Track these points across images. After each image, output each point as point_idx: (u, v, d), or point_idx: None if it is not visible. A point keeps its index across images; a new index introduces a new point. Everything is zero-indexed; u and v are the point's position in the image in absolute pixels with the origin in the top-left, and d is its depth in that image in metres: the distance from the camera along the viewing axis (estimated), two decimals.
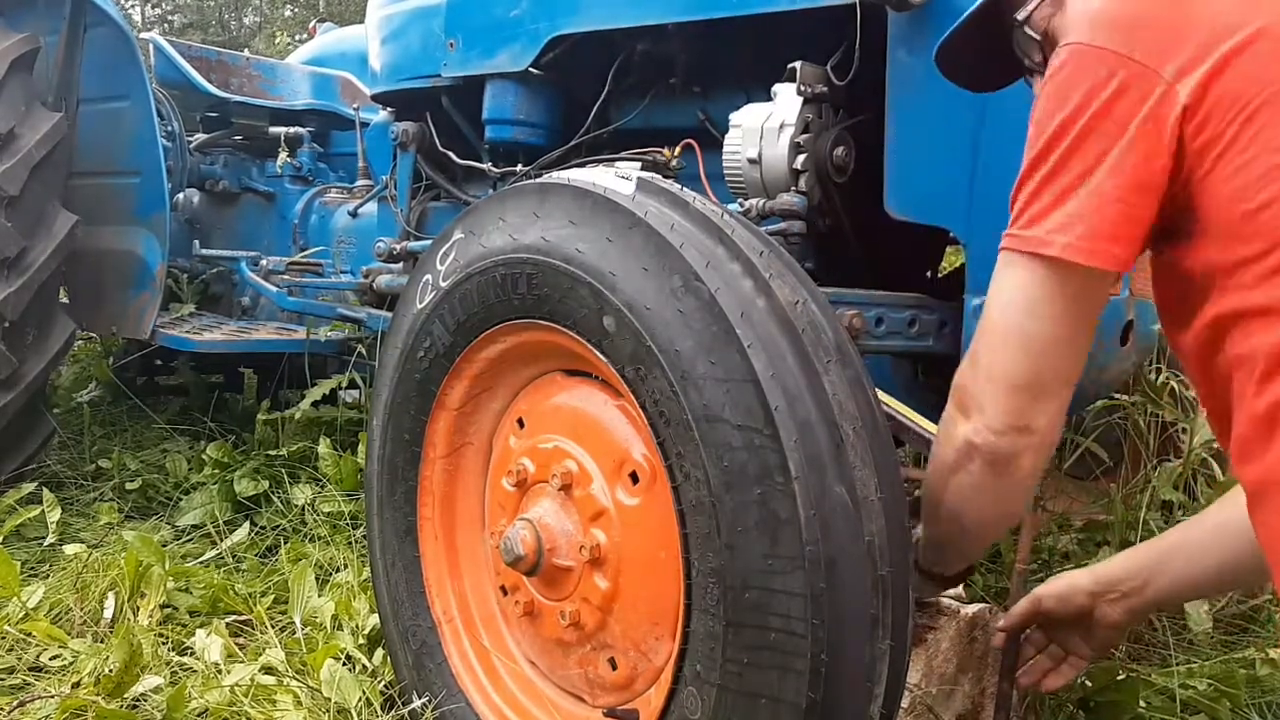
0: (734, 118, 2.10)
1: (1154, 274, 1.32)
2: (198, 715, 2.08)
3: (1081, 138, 1.21)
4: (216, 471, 3.40)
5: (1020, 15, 1.44)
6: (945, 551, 1.58)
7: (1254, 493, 1.18)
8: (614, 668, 1.65)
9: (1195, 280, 1.22)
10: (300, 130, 4.31)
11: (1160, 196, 1.20)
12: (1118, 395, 2.73)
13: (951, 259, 2.57)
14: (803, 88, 2.01)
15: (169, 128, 4.07)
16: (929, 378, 2.16)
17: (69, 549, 2.90)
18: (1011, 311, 1.28)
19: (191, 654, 2.34)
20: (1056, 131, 1.23)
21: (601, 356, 1.55)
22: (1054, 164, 1.23)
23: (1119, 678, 2.12)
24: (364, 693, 2.09)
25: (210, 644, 2.32)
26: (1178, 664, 2.26)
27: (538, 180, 1.72)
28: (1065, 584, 1.70)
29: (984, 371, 1.32)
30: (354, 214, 3.86)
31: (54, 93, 3.48)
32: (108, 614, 2.49)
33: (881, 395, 1.50)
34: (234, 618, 2.56)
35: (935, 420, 1.70)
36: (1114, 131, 1.19)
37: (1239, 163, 1.14)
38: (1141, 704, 2.08)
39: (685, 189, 1.60)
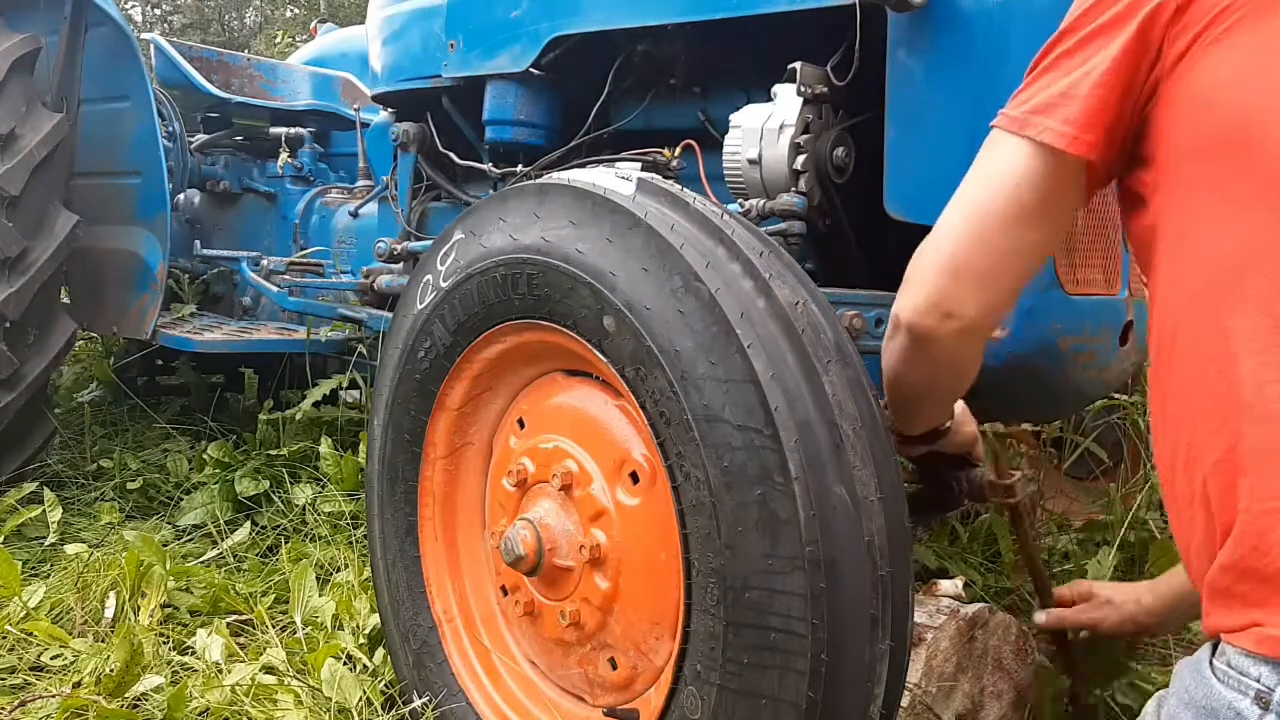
0: (734, 118, 2.10)
1: (1120, 207, 1.29)
2: (198, 715, 2.09)
3: (1085, 34, 1.18)
4: (217, 471, 3.41)
5: None
6: (899, 412, 1.57)
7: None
8: (614, 668, 1.65)
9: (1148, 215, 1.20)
10: (301, 131, 4.31)
11: (1138, 99, 1.17)
12: (1118, 395, 2.74)
13: None
14: (803, 88, 2.01)
15: (170, 128, 4.07)
16: None
17: (70, 548, 2.91)
18: (980, 184, 1.26)
19: (192, 653, 2.35)
20: (1072, 22, 1.21)
21: (602, 356, 1.55)
22: (1061, 51, 1.21)
23: (1118, 661, 2.12)
24: (364, 692, 2.09)
25: (211, 643, 2.32)
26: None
27: (538, 181, 1.72)
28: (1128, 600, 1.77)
29: (933, 244, 1.30)
30: (354, 214, 3.86)
31: (55, 93, 3.48)
32: (109, 614, 2.49)
33: None
34: (235, 617, 2.56)
35: None
36: (1114, 24, 1.16)
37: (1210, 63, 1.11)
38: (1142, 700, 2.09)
39: (685, 189, 1.60)
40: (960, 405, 1.73)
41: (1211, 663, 1.02)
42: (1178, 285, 1.13)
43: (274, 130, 4.33)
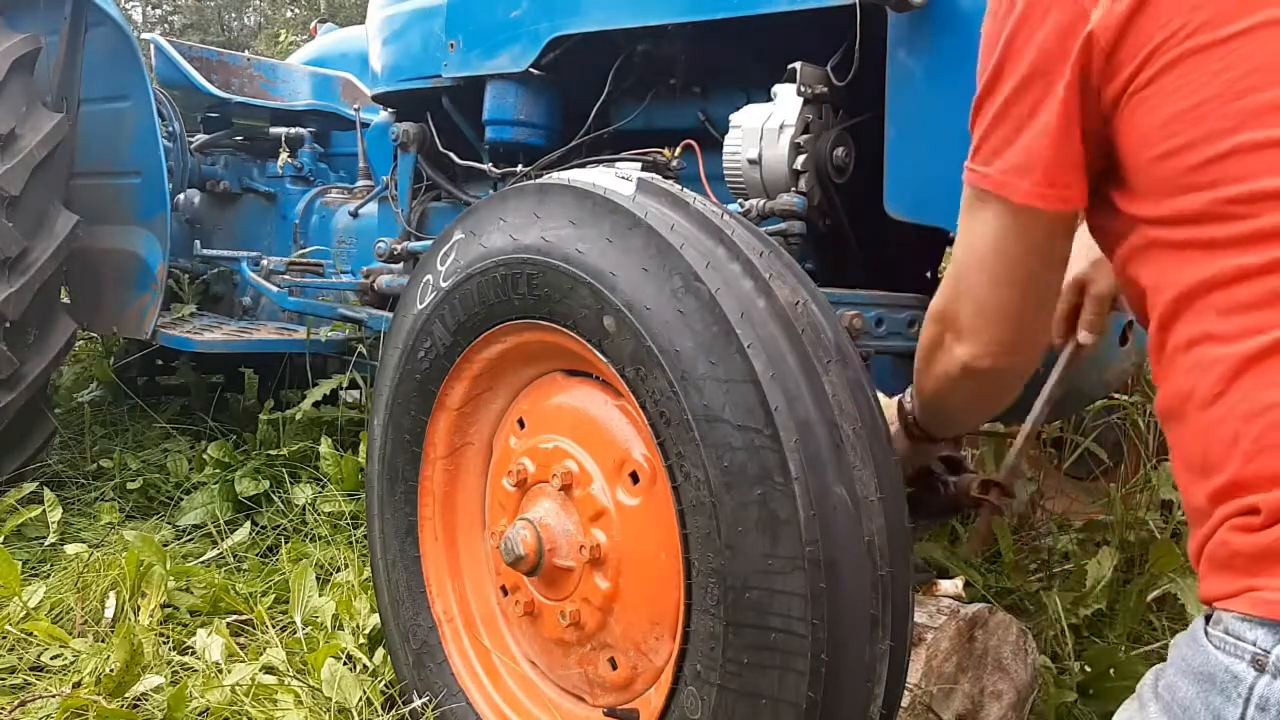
0: (734, 118, 2.10)
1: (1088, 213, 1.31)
2: (198, 715, 2.09)
3: (1025, 75, 1.18)
4: (217, 471, 3.41)
5: None
6: (939, 423, 1.66)
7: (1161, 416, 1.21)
8: (614, 668, 1.65)
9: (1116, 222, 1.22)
10: (301, 131, 4.31)
11: (1092, 136, 1.18)
12: (1118, 395, 2.74)
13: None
14: (803, 88, 2.01)
15: (170, 128, 4.07)
16: None
17: (70, 548, 2.91)
18: (986, 247, 1.29)
19: (192, 653, 2.35)
20: (1003, 55, 1.20)
21: (602, 357, 1.55)
22: (1007, 96, 1.20)
23: (1119, 657, 2.12)
24: (364, 692, 2.09)
25: (211, 643, 2.32)
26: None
27: (538, 181, 1.72)
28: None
29: (972, 304, 1.34)
30: (355, 214, 3.86)
31: (55, 93, 3.48)
32: (109, 614, 2.49)
33: None
34: (235, 617, 2.56)
35: None
36: (1051, 65, 1.15)
37: (1150, 105, 1.11)
38: None
39: (685, 189, 1.60)
40: None
41: (1207, 631, 1.03)
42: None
43: (274, 130, 4.33)
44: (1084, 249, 1.66)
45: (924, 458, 1.80)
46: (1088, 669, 2.11)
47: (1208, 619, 1.04)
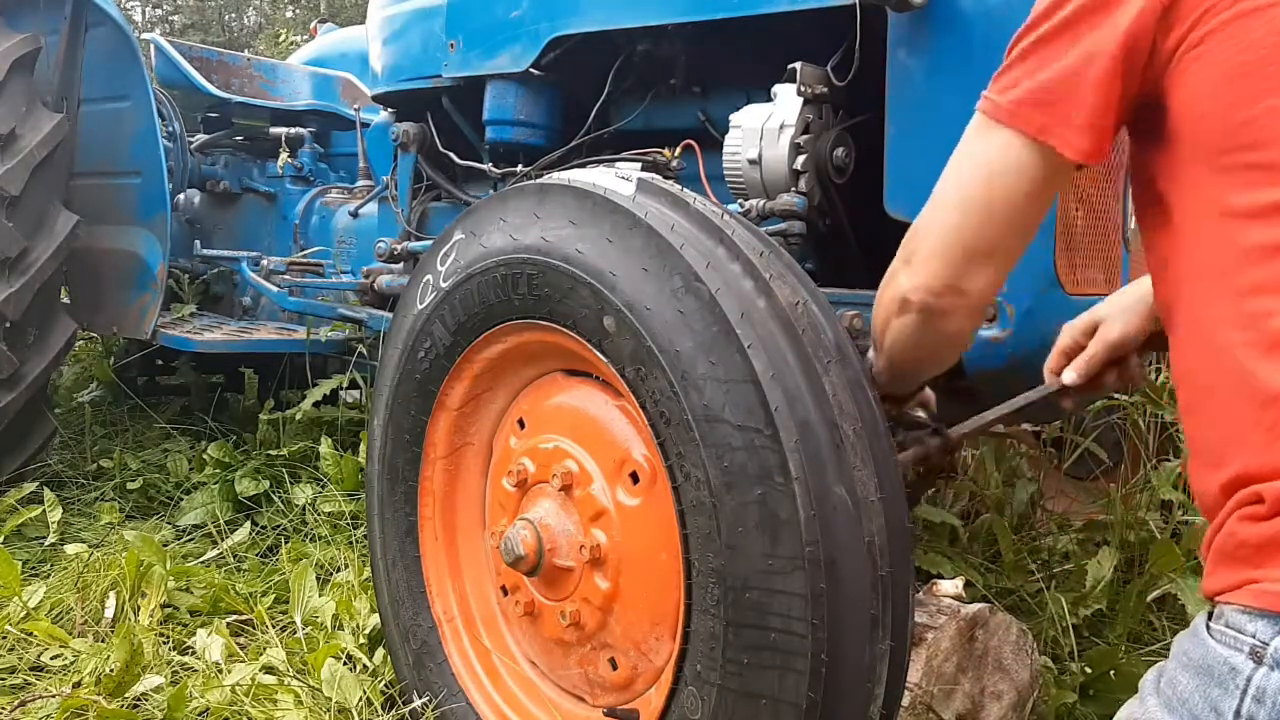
0: (734, 118, 2.10)
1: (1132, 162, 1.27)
2: (198, 715, 2.09)
3: (1075, 11, 1.15)
4: (217, 471, 3.41)
5: None
6: (897, 380, 1.57)
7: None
8: (614, 668, 1.65)
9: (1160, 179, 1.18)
10: (301, 131, 4.31)
11: (1135, 89, 1.15)
12: (1118, 395, 2.74)
13: None
14: (803, 88, 2.01)
15: (170, 128, 4.07)
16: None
17: (70, 548, 2.91)
18: (975, 175, 1.26)
19: (192, 653, 2.35)
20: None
21: (602, 357, 1.55)
22: (1048, 31, 1.18)
23: (1119, 660, 2.12)
24: (364, 692, 2.09)
25: (211, 643, 2.32)
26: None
27: (538, 181, 1.72)
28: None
29: (935, 227, 1.31)
30: (355, 214, 3.86)
31: (55, 93, 3.49)
32: (109, 614, 2.49)
33: None
34: (235, 617, 2.56)
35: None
36: (1105, 7, 1.12)
37: (1201, 64, 1.08)
38: None
39: (685, 190, 1.60)
40: None
41: (1209, 625, 1.03)
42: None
43: (274, 130, 4.33)
44: (1118, 295, 1.63)
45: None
46: (1088, 670, 2.11)
47: (1210, 614, 1.03)
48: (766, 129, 2.03)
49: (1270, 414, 0.99)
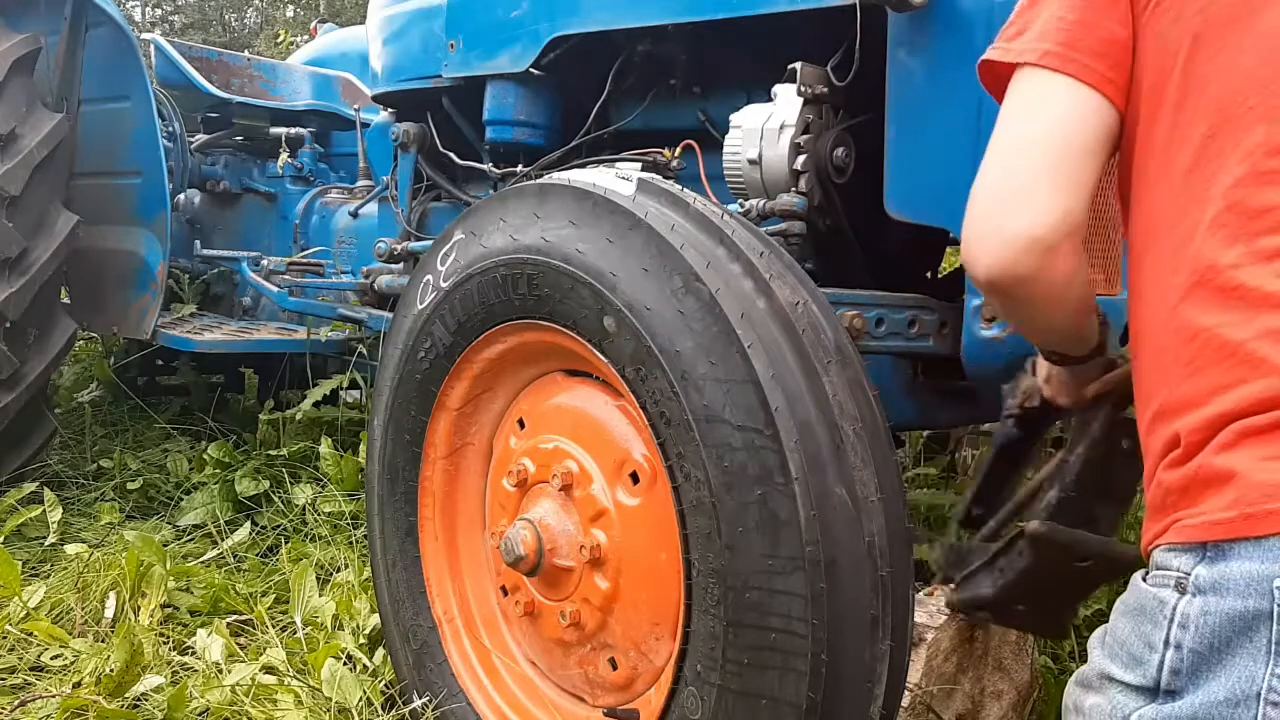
0: (734, 119, 2.10)
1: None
2: (198, 715, 2.09)
3: None
4: (217, 471, 3.41)
5: None
6: (1048, 345, 1.49)
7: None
8: (614, 668, 1.65)
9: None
10: (301, 131, 4.31)
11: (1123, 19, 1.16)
12: None
13: (951, 259, 2.58)
14: (803, 88, 2.01)
15: (170, 128, 4.07)
16: (929, 378, 2.16)
17: (70, 549, 2.91)
18: (1006, 123, 1.21)
19: (192, 653, 2.35)
20: None
21: (602, 357, 1.55)
22: None
23: None
24: (364, 692, 2.09)
25: (211, 643, 2.32)
26: None
27: (538, 181, 1.73)
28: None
29: (986, 187, 1.20)
30: (355, 214, 3.86)
31: (55, 93, 3.49)
32: (109, 614, 2.49)
33: None
34: (235, 617, 2.56)
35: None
36: None
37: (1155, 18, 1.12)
38: None
39: (685, 190, 1.60)
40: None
41: (1144, 575, 1.08)
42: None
43: (274, 130, 4.33)
44: None
45: (1080, 386, 1.56)
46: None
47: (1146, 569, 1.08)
48: (766, 129, 2.03)
49: (1189, 349, 1.04)
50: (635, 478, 1.59)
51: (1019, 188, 1.16)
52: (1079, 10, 1.17)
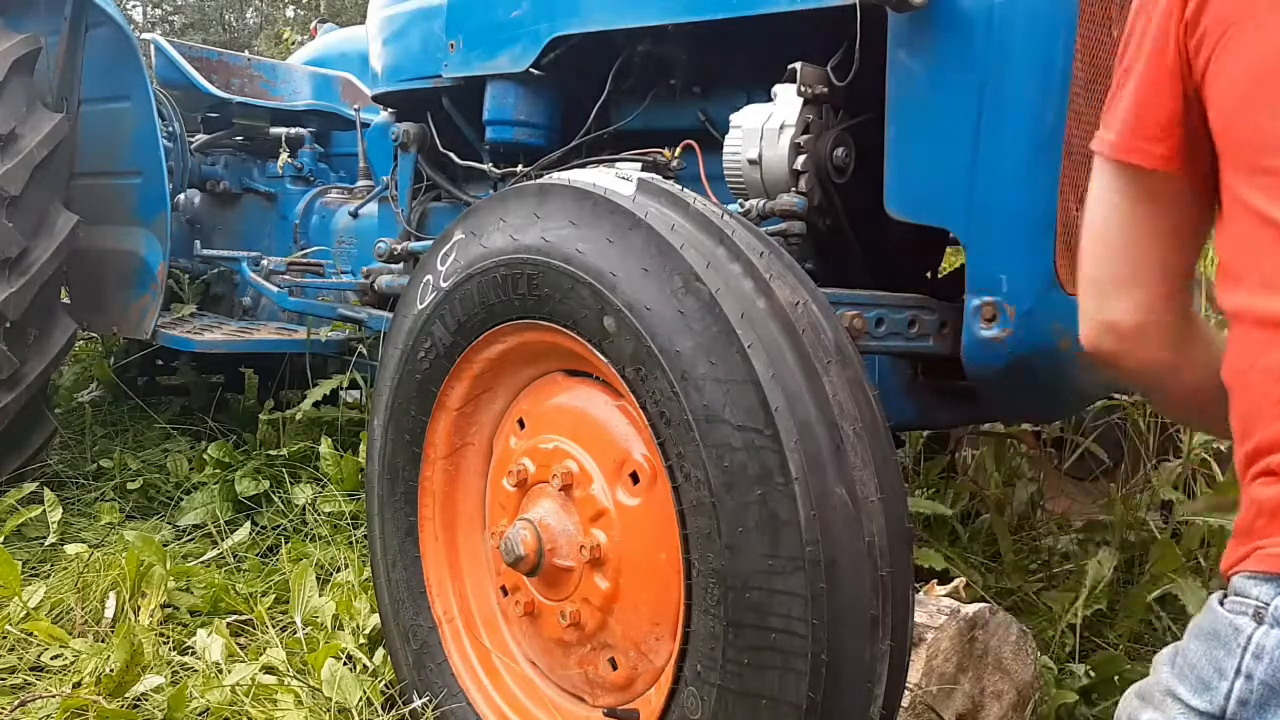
0: (734, 119, 2.10)
1: None
2: (199, 715, 2.09)
3: (1131, 31, 1.21)
4: (217, 471, 3.41)
5: None
6: (1177, 418, 1.57)
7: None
8: (614, 668, 1.65)
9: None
10: (301, 131, 4.31)
11: (1179, 90, 1.18)
12: (1117, 395, 2.74)
13: (951, 259, 2.58)
14: (803, 88, 2.01)
15: (170, 128, 4.07)
16: (928, 378, 2.16)
17: (70, 549, 2.90)
18: (1091, 209, 1.29)
19: (192, 653, 2.35)
20: (1124, 41, 1.24)
21: (602, 357, 1.55)
22: (1119, 74, 1.24)
23: (1124, 667, 2.12)
24: (364, 692, 2.09)
25: (211, 643, 2.32)
26: None
27: (538, 181, 1.73)
28: None
29: (1081, 270, 1.32)
30: (355, 214, 3.86)
31: (55, 93, 3.49)
32: (109, 614, 2.49)
33: None
34: (235, 617, 2.56)
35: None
36: (1145, 25, 1.19)
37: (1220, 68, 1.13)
38: None
39: (685, 190, 1.60)
40: None
41: (1221, 599, 1.06)
42: None
43: (274, 130, 4.33)
44: None
45: None
46: (1092, 674, 2.11)
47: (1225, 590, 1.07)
48: (766, 129, 2.03)
49: (1277, 389, 1.03)
50: (635, 478, 1.59)
51: (1100, 278, 1.28)
52: (1141, 92, 1.20)
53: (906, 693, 1.62)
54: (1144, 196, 1.24)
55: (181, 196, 4.32)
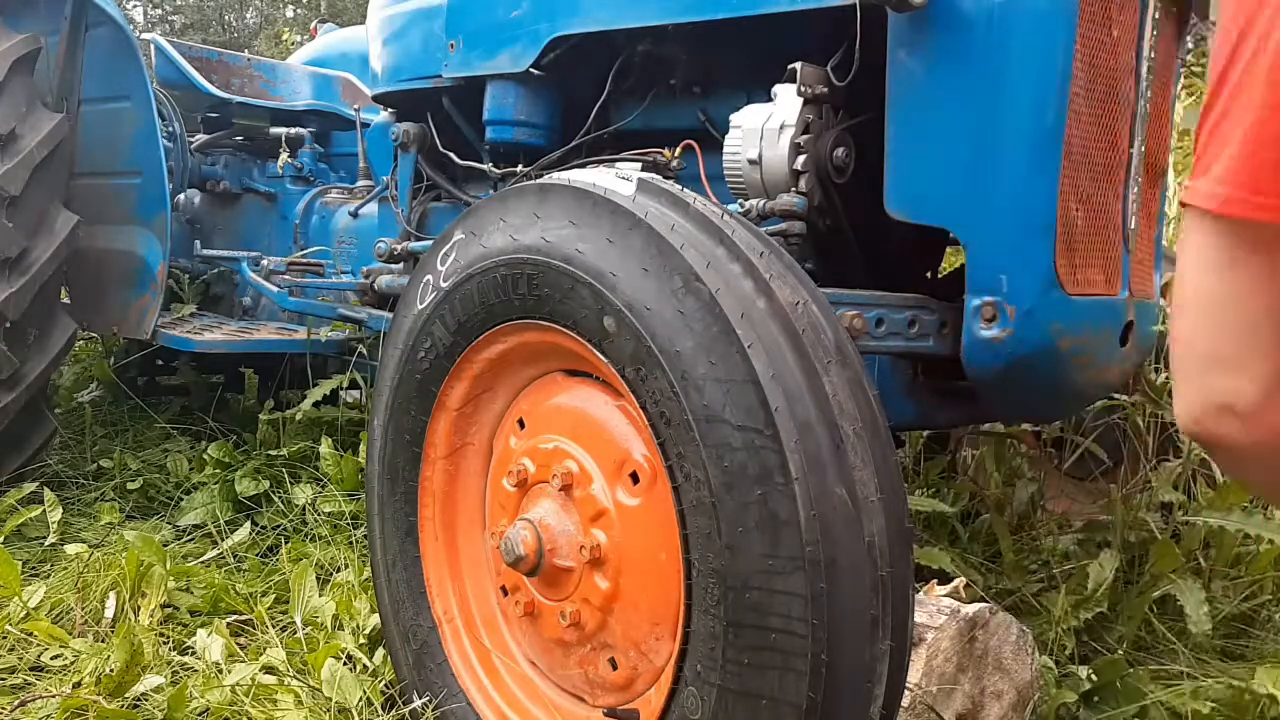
0: (734, 119, 2.10)
1: None
2: (199, 715, 2.09)
3: (1231, 60, 1.06)
4: (217, 471, 3.41)
5: None
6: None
7: None
8: (614, 668, 1.65)
9: None
10: (301, 131, 4.31)
11: None
12: (1117, 395, 2.74)
13: (951, 259, 2.58)
14: (803, 88, 2.01)
15: (170, 128, 4.07)
16: (928, 378, 2.17)
17: (70, 549, 2.90)
18: (1193, 273, 1.13)
19: (192, 653, 2.35)
20: (1224, 64, 1.08)
21: (602, 357, 1.55)
22: (1222, 104, 1.08)
23: (1125, 671, 2.12)
24: (364, 692, 2.09)
25: (211, 643, 2.32)
26: (1181, 670, 2.26)
27: (538, 181, 1.73)
28: None
29: (1179, 342, 1.14)
30: (355, 214, 3.86)
31: (55, 93, 3.49)
32: (109, 613, 2.49)
33: None
34: (235, 617, 2.56)
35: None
36: (1254, 57, 1.04)
37: None
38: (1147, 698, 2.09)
39: (685, 190, 1.60)
40: None
41: None
42: None
43: (274, 130, 4.33)
44: None
45: None
46: (1094, 677, 2.11)
47: None
48: (766, 129, 2.03)
49: None
50: (635, 478, 1.59)
51: (1208, 352, 1.11)
52: (1257, 136, 1.05)
53: (906, 693, 1.62)
54: (1263, 251, 1.08)
55: (181, 196, 4.32)
